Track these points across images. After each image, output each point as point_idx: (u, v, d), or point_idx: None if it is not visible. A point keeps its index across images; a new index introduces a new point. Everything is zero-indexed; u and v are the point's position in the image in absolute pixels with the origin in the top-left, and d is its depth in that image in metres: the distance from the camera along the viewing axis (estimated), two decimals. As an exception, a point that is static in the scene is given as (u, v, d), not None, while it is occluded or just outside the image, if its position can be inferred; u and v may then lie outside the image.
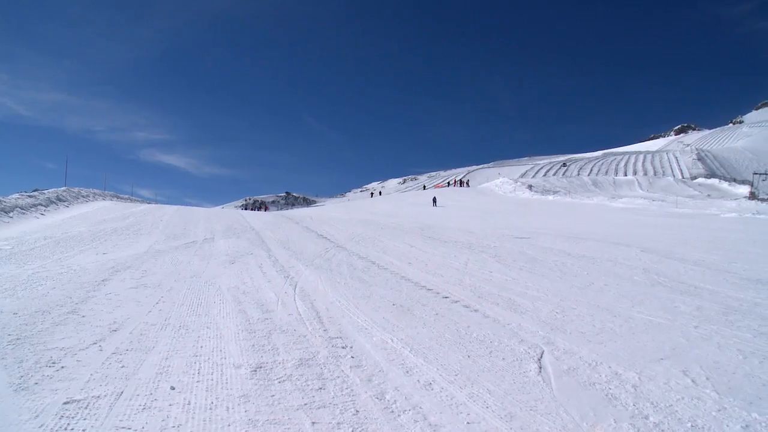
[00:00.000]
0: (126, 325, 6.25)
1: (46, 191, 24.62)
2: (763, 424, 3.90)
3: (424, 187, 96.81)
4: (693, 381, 4.75)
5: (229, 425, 3.80)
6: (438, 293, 8.35)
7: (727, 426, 3.89)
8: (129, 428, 3.73)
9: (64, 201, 24.49)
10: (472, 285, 9.00)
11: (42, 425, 3.75)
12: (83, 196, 28.08)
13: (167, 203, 43.82)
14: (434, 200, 42.57)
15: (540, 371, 5.03)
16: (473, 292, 8.48)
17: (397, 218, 26.10)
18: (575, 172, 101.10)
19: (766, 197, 47.60)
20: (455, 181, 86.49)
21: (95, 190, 32.44)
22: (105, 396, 4.24)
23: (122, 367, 4.92)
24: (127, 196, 40.12)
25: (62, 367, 4.87)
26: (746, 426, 3.89)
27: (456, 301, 7.83)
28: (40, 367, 4.83)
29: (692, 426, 3.89)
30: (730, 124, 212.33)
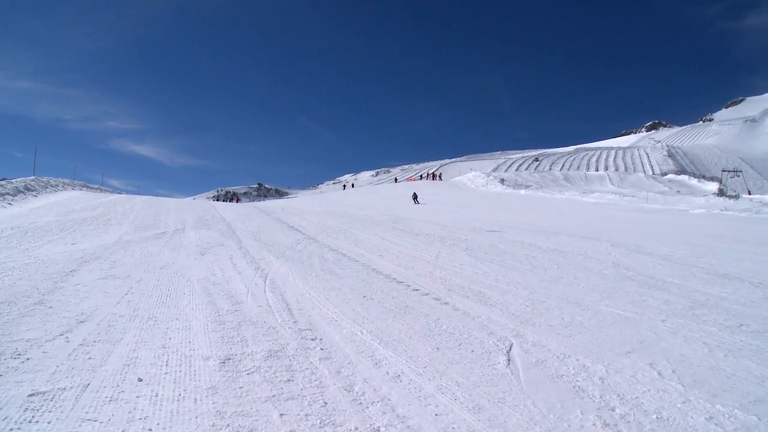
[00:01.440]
0: (94, 317, 6.19)
1: (13, 180, 24.25)
2: (726, 416, 3.97)
3: (396, 180, 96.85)
4: (659, 374, 4.82)
5: (196, 417, 3.78)
6: (408, 286, 8.38)
7: (692, 417, 3.95)
8: (95, 420, 3.70)
9: (33, 190, 24.14)
10: (443, 278, 9.05)
11: (6, 417, 3.70)
12: (52, 186, 27.70)
13: (138, 194, 43.47)
14: (414, 197, 37.56)
15: (508, 363, 5.07)
16: (444, 284, 8.52)
17: (369, 210, 26.09)
18: (547, 167, 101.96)
19: (733, 194, 48.36)
20: (428, 175, 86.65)
21: (65, 180, 32.02)
22: (71, 388, 4.20)
23: (89, 358, 4.87)
24: (97, 186, 39.64)
25: (28, 358, 4.81)
26: (710, 417, 3.95)
27: (426, 294, 7.86)
28: (4, 359, 4.77)
29: (657, 418, 3.94)
30: (701, 122, 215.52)
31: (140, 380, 4.40)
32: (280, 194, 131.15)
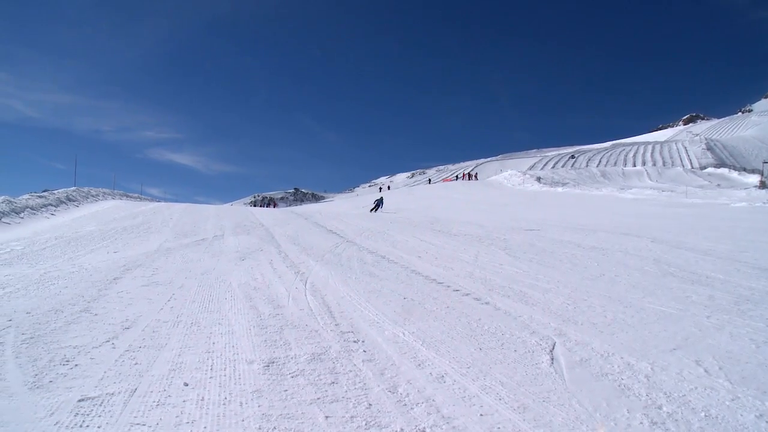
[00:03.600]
0: (138, 323, 6.27)
1: (56, 191, 24.72)
2: (778, 413, 3.89)
3: (429, 181, 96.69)
4: (706, 371, 4.74)
5: (242, 420, 3.81)
6: (449, 286, 8.34)
7: (741, 415, 3.88)
8: (144, 424, 3.74)
9: (74, 201, 24.60)
10: (483, 277, 9.00)
11: (57, 423, 3.77)
12: (93, 196, 28.18)
13: (176, 201, 43.95)
14: (377, 205, 30.84)
15: (552, 363, 5.02)
16: (484, 284, 8.47)
17: (405, 212, 26.10)
18: (584, 164, 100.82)
19: (776, 186, 47.32)
20: (464, 175, 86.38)
21: (104, 190, 32.55)
22: (119, 393, 4.26)
23: (135, 364, 4.94)
24: (136, 195, 40.25)
25: (76, 365, 4.89)
26: (760, 415, 3.87)
27: (467, 294, 7.82)
28: (54, 366, 4.86)
29: (706, 416, 3.88)
30: (739, 113, 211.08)
31: (186, 385, 4.44)
32: (316, 198, 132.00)
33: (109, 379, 4.56)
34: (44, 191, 25.08)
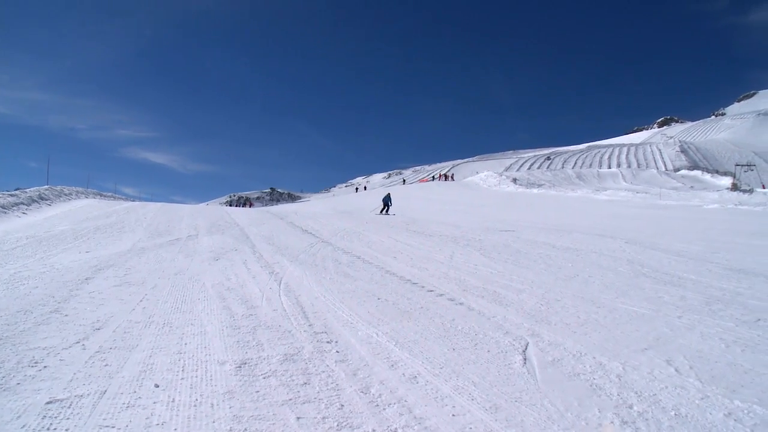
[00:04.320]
0: (109, 324, 6.21)
1: (28, 190, 24.39)
2: (745, 411, 3.95)
3: (404, 181, 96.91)
4: (677, 370, 4.80)
5: (213, 421, 3.78)
6: (423, 287, 8.36)
7: (710, 414, 3.93)
8: (113, 427, 3.71)
9: (47, 199, 24.27)
10: (457, 278, 9.03)
11: (24, 426, 3.72)
12: (66, 195, 27.83)
13: (151, 201, 43.55)
14: (385, 204, 27.61)
15: (525, 363, 5.06)
16: (458, 285, 8.50)
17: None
18: (559, 165, 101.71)
19: (747, 188, 48.11)
20: (440, 175, 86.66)
21: (78, 189, 32.17)
22: (88, 395, 4.21)
23: (106, 365, 4.89)
24: (110, 194, 39.83)
25: (45, 366, 4.83)
26: (729, 413, 3.93)
27: (441, 295, 7.84)
28: (22, 367, 4.78)
29: (676, 414, 3.92)
30: (713, 117, 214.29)
31: (157, 386, 4.40)
32: (292, 198, 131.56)
33: (78, 380, 4.51)
34: (16, 189, 24.73)
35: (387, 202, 27.88)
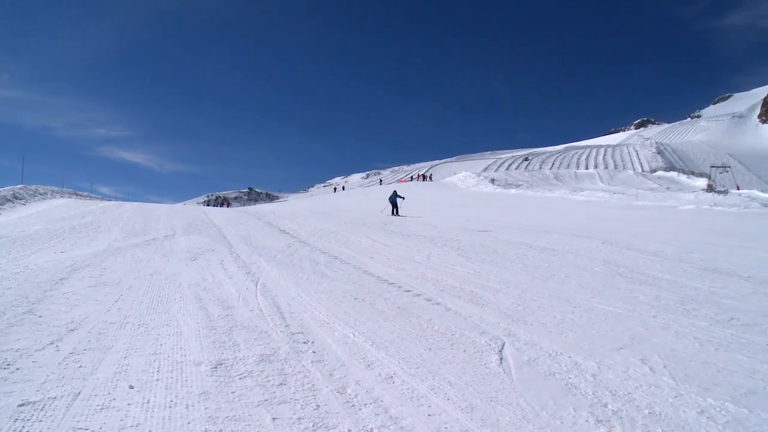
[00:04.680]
0: (84, 325, 6.15)
1: (1, 189, 24.10)
2: (718, 409, 3.99)
3: (381, 182, 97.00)
4: (651, 369, 4.84)
5: (188, 423, 3.76)
6: (400, 287, 8.38)
7: (683, 411, 3.97)
8: (86, 429, 3.67)
9: (21, 199, 24.01)
10: (435, 278, 9.05)
11: (-4, 428, 3.68)
12: (41, 194, 27.54)
13: (128, 200, 43.18)
14: (394, 204, 25.84)
15: (501, 362, 5.08)
16: (435, 285, 8.53)
17: (359, 212, 26.09)
18: (537, 166, 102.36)
19: (722, 189, 48.74)
20: (418, 176, 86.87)
21: (53, 188, 31.85)
22: (62, 397, 4.17)
23: (80, 367, 4.84)
24: (86, 194, 39.46)
25: (17, 368, 4.77)
26: (701, 411, 3.97)
27: (418, 295, 7.86)
28: (-7, 369, 4.74)
29: (650, 413, 3.96)
30: (689, 119, 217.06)
31: (131, 387, 4.37)
32: (270, 198, 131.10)
33: (51, 382, 4.46)
34: (-11, 189, 24.42)
35: (394, 201, 26.00)
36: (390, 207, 26.00)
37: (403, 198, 26.19)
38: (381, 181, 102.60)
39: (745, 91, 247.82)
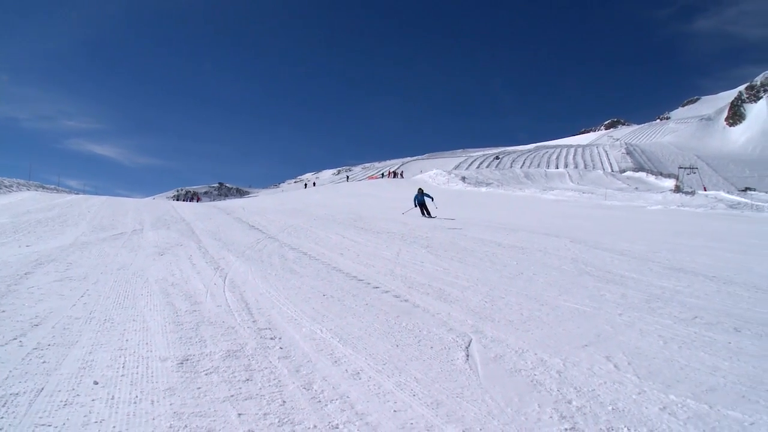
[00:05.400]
0: (48, 320, 6.08)
1: (-36, 181, 23.63)
2: (679, 405, 4.08)
3: (347, 178, 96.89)
4: (615, 366, 4.92)
5: (153, 419, 3.75)
6: (369, 283, 8.40)
7: (646, 408, 4.05)
8: (49, 425, 3.65)
9: (-15, 191, 23.55)
10: (403, 275, 9.09)
11: (-44, 424, 3.64)
12: (6, 187, 27.09)
13: (96, 194, 42.66)
14: (422, 203, 23.20)
15: (467, 359, 5.12)
16: (404, 282, 8.56)
17: (330, 209, 26.06)
18: (508, 165, 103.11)
19: (689, 190, 49.56)
20: (389, 173, 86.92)
21: (19, 181, 31.35)
22: (24, 393, 4.13)
23: (43, 362, 4.79)
24: (53, 187, 38.88)
25: (-21, 364, 4.72)
26: (664, 407, 4.05)
27: (386, 292, 7.89)
28: (-45, 365, 4.67)
29: (613, 409, 4.03)
30: (658, 120, 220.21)
31: (96, 383, 4.34)
32: (241, 193, 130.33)
33: (14, 378, 4.41)
34: (-48, 181, 23.94)
35: (422, 201, 23.19)
36: (416, 208, 23.50)
37: (432, 198, 23.37)
38: (348, 177, 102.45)
39: (713, 94, 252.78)
